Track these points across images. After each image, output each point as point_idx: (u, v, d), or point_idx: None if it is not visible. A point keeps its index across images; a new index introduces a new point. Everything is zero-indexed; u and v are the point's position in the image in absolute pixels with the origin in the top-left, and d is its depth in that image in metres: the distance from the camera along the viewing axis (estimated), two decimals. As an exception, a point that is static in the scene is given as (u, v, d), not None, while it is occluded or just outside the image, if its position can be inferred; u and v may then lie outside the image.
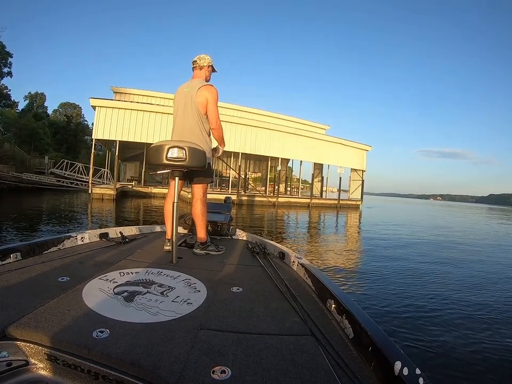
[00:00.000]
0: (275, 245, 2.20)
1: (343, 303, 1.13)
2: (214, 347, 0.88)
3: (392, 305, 3.46)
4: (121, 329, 0.93)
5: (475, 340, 2.75)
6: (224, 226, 2.61)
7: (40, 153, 24.52)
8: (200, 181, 2.07)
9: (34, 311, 0.99)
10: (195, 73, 2.13)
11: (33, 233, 6.46)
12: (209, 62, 2.12)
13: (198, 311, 1.11)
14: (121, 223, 8.38)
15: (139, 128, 16.56)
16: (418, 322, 3.04)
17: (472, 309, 3.52)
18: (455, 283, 4.63)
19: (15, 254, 1.47)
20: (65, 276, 1.32)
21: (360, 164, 24.65)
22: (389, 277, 4.71)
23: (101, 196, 14.90)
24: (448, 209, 46.90)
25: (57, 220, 8.60)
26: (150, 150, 1.74)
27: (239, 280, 1.50)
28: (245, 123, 19.14)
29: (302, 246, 7.22)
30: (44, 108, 38.45)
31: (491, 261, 6.85)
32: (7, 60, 26.72)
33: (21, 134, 23.92)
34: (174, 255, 1.72)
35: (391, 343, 0.86)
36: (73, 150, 30.88)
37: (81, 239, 1.97)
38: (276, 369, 0.80)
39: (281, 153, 20.55)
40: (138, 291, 1.23)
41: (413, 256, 6.59)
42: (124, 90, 22.31)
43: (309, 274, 1.55)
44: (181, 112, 2.04)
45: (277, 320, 1.09)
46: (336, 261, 5.70)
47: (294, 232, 9.76)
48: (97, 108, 15.88)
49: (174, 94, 2.14)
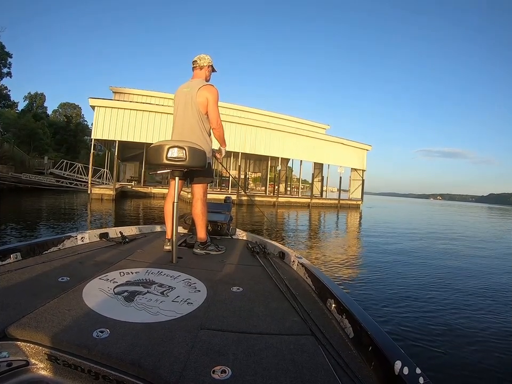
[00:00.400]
0: (275, 245, 2.19)
1: (343, 302, 1.12)
2: (214, 347, 0.88)
3: (392, 305, 3.46)
4: (122, 329, 0.93)
5: (476, 339, 2.74)
6: (224, 226, 2.60)
7: (40, 154, 24.47)
8: (200, 181, 2.07)
9: (35, 311, 0.98)
10: (195, 73, 2.14)
11: (30, 233, 6.41)
12: (209, 62, 2.13)
13: (198, 311, 1.11)
14: (120, 224, 8.34)
15: (138, 128, 16.50)
16: (419, 321, 3.04)
17: (473, 309, 3.51)
18: (456, 283, 4.62)
19: (15, 254, 1.47)
20: (66, 276, 1.32)
21: (360, 164, 24.62)
22: (390, 277, 4.71)
23: (100, 196, 14.87)
24: (448, 209, 46.83)
25: (55, 220, 8.57)
26: (150, 150, 1.74)
27: (239, 280, 1.49)
28: (244, 123, 19.11)
29: (302, 246, 7.19)
30: (43, 108, 38.44)
31: (492, 261, 6.83)
32: (7, 60, 26.70)
33: (20, 134, 23.88)
34: (174, 255, 1.72)
35: (391, 342, 0.86)
36: (73, 150, 30.86)
37: (81, 239, 1.96)
38: (276, 369, 0.80)
39: (281, 153, 20.52)
40: (139, 291, 1.23)
41: (414, 256, 6.57)
42: (123, 90, 22.26)
43: (309, 274, 1.55)
44: (181, 112, 2.04)
45: (277, 320, 1.09)
46: (336, 261, 5.70)
47: (294, 233, 9.72)
48: (96, 108, 15.82)
49: (174, 94, 2.14)
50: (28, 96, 37.01)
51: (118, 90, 22.21)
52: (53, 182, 19.20)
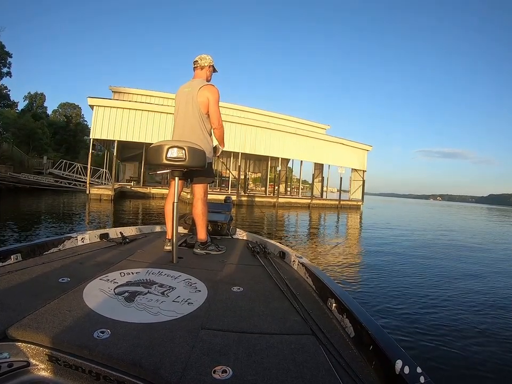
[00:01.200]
0: (275, 245, 2.19)
1: (344, 302, 1.12)
2: (215, 347, 0.88)
3: (393, 304, 3.43)
4: (122, 329, 0.93)
5: (477, 339, 2.72)
6: (224, 226, 2.61)
7: (39, 154, 24.39)
8: (201, 181, 2.07)
9: (35, 312, 0.98)
10: (196, 73, 2.14)
11: (26, 235, 6.30)
12: (210, 62, 2.13)
13: (198, 311, 1.11)
14: (118, 225, 8.22)
15: (138, 128, 16.34)
16: (420, 321, 3.01)
17: (474, 309, 3.49)
18: (457, 283, 4.59)
19: (15, 255, 1.47)
20: (66, 277, 1.32)
21: (360, 164, 24.49)
22: (390, 277, 4.67)
23: (98, 196, 14.74)
24: (448, 209, 46.70)
25: (52, 221, 8.45)
26: (150, 150, 1.74)
27: (240, 280, 1.50)
28: (244, 122, 18.98)
29: (302, 246, 7.10)
30: (43, 108, 38.34)
31: (494, 261, 6.78)
32: (6, 59, 26.63)
33: (19, 134, 23.78)
34: (174, 255, 1.72)
35: (392, 341, 0.86)
36: (73, 150, 30.75)
37: (82, 239, 1.97)
38: (277, 369, 0.79)
39: (281, 153, 20.40)
40: (139, 291, 1.23)
41: (415, 257, 6.51)
42: (123, 90, 22.10)
43: (309, 274, 1.55)
44: (182, 112, 2.04)
45: (277, 320, 1.09)
46: (337, 260, 5.63)
47: (294, 235, 9.62)
48: (95, 107, 15.65)
49: (175, 94, 2.15)
50: (28, 96, 36.94)
51: (118, 90, 22.06)
52: (52, 182, 19.10)
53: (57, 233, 6.53)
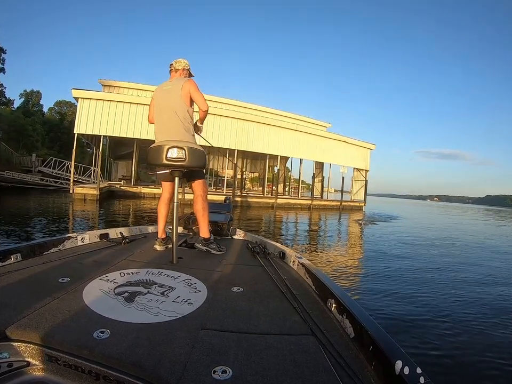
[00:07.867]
0: (275, 245, 2.20)
1: (344, 302, 1.12)
2: (214, 347, 0.88)
3: (393, 305, 3.40)
4: (122, 329, 0.93)
5: (478, 339, 2.70)
6: (224, 226, 2.62)
7: (29, 151, 23.57)
8: (195, 177, 2.10)
9: (35, 311, 0.99)
10: (171, 75, 2.20)
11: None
12: (184, 66, 2.18)
13: (198, 311, 1.11)
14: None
15: (128, 123, 15.24)
16: (420, 321, 2.99)
17: (475, 309, 3.44)
18: (458, 283, 4.52)
19: (15, 255, 1.48)
20: (66, 277, 1.32)
21: (363, 164, 23.29)
22: (390, 277, 4.57)
23: (83, 196, 13.61)
24: (448, 210, 45.87)
25: (13, 227, 7.39)
26: (150, 150, 1.77)
27: (240, 280, 1.50)
28: (241, 117, 17.87)
29: (301, 246, 6.75)
30: (39, 106, 37.85)
31: (495, 261, 6.66)
32: (0, 55, 25.87)
33: (9, 131, 22.98)
34: (174, 255, 1.72)
35: (392, 342, 0.85)
36: (66, 148, 29.95)
37: (82, 239, 1.99)
38: (277, 369, 0.80)
39: (280, 151, 19.30)
40: (139, 291, 1.23)
41: (416, 257, 6.37)
42: (113, 84, 20.84)
43: (309, 274, 1.55)
44: (165, 109, 2.05)
45: (277, 320, 1.10)
46: (337, 260, 5.54)
47: (294, 236, 8.56)
48: (80, 100, 14.49)
49: (153, 92, 2.14)
50: (24, 93, 36.38)
51: (107, 83, 20.84)
52: (37, 180, 18.20)
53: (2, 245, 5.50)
